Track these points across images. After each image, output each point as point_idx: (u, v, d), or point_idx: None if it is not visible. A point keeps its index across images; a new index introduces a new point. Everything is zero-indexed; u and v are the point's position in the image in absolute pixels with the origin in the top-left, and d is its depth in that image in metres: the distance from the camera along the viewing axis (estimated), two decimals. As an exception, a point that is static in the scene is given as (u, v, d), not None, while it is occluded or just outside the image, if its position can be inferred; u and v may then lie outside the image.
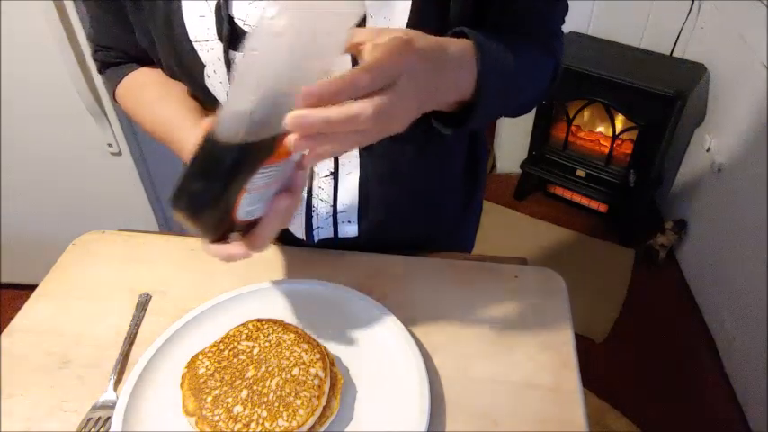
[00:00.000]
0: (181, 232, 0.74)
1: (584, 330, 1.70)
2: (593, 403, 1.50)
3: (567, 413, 0.52)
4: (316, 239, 0.69)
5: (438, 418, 0.51)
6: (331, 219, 0.68)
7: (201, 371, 0.52)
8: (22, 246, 1.65)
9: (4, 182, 1.51)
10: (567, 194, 2.11)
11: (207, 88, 0.58)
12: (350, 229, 0.69)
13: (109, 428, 0.50)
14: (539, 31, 0.62)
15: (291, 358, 0.53)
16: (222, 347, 0.54)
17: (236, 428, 0.47)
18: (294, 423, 0.47)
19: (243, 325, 0.56)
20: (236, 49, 0.54)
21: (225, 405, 0.49)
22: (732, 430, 1.48)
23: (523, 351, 0.58)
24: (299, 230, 0.69)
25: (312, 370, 0.51)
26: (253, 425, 0.47)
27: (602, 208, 2.07)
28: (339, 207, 0.67)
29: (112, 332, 0.60)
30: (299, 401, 0.49)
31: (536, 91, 0.63)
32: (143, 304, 0.63)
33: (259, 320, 0.57)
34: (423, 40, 0.44)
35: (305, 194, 0.66)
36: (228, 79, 0.56)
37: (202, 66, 0.56)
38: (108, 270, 0.68)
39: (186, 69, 0.58)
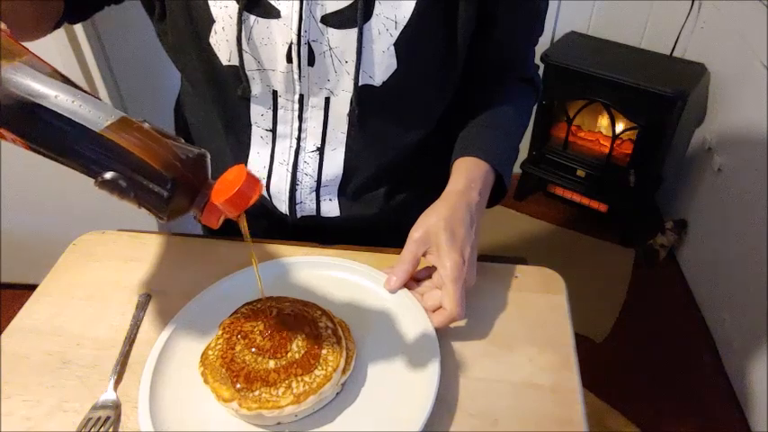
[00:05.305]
0: (181, 232, 0.74)
1: (584, 330, 1.70)
2: (593, 403, 1.50)
3: (566, 413, 0.52)
4: (299, 215, 0.71)
5: (438, 418, 0.51)
6: (314, 194, 0.69)
7: (218, 362, 0.52)
8: (22, 246, 1.65)
9: (4, 182, 1.51)
10: (567, 194, 2.11)
11: (210, 46, 0.59)
12: (332, 207, 0.71)
13: (109, 429, 0.50)
14: (523, 65, 0.73)
15: (297, 320, 0.55)
16: (227, 336, 0.54)
17: (280, 393, 0.49)
18: (330, 368, 0.51)
19: (236, 312, 0.57)
20: (251, 11, 0.56)
21: (260, 379, 0.50)
22: (732, 430, 1.48)
23: (523, 351, 0.58)
24: (282, 205, 0.70)
25: (321, 323, 0.54)
26: (294, 384, 0.49)
27: (603, 208, 2.06)
28: (323, 181, 0.68)
29: (112, 332, 0.60)
30: (324, 351, 0.52)
31: (527, 124, 0.75)
32: (143, 304, 0.63)
33: (248, 303, 0.58)
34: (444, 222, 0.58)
35: (290, 168, 0.67)
36: (237, 40, 0.57)
37: (212, 21, 0.57)
38: (108, 270, 0.68)
39: (193, 22, 0.58)
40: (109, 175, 0.38)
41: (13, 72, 0.37)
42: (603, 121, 1.96)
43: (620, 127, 1.88)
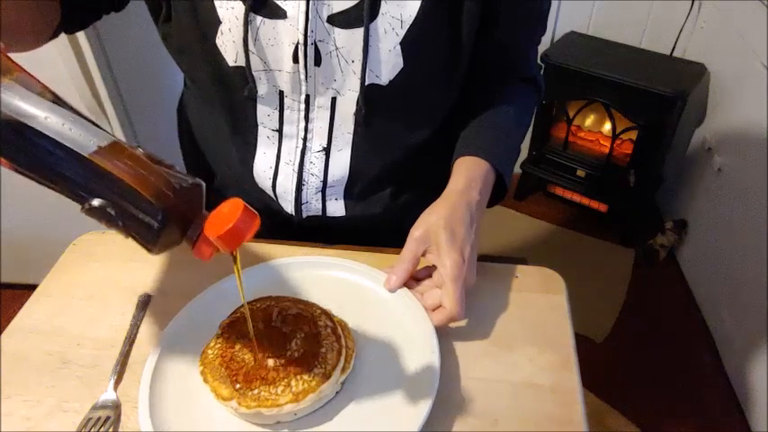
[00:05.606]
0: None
1: (584, 330, 1.70)
2: (594, 403, 1.50)
3: (566, 413, 0.52)
4: (304, 215, 0.71)
5: (438, 418, 0.51)
6: (320, 194, 0.70)
7: (218, 361, 0.52)
8: (22, 246, 1.65)
9: (4, 182, 1.51)
10: (567, 194, 2.11)
11: (216, 46, 0.59)
12: (338, 207, 0.71)
13: (109, 429, 0.50)
14: (525, 65, 0.73)
15: (297, 319, 0.55)
16: (227, 336, 0.55)
17: (279, 391, 0.49)
18: (329, 366, 0.51)
19: (234, 313, 0.57)
20: (257, 12, 0.56)
21: (259, 378, 0.50)
22: (732, 430, 1.48)
23: (523, 351, 0.58)
24: (288, 205, 0.70)
25: (320, 322, 0.55)
26: (293, 382, 0.49)
27: (603, 208, 2.06)
28: (329, 182, 0.68)
29: (112, 332, 0.60)
30: (323, 349, 0.52)
31: (529, 124, 0.76)
32: (143, 304, 0.63)
33: (248, 303, 0.57)
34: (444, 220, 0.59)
35: (296, 168, 0.67)
36: (243, 40, 0.57)
37: (218, 22, 0.57)
38: (108, 270, 0.68)
39: (199, 23, 0.59)
40: (96, 201, 0.37)
41: (1, 91, 0.36)
42: (603, 121, 1.96)
43: (619, 127, 1.88)
